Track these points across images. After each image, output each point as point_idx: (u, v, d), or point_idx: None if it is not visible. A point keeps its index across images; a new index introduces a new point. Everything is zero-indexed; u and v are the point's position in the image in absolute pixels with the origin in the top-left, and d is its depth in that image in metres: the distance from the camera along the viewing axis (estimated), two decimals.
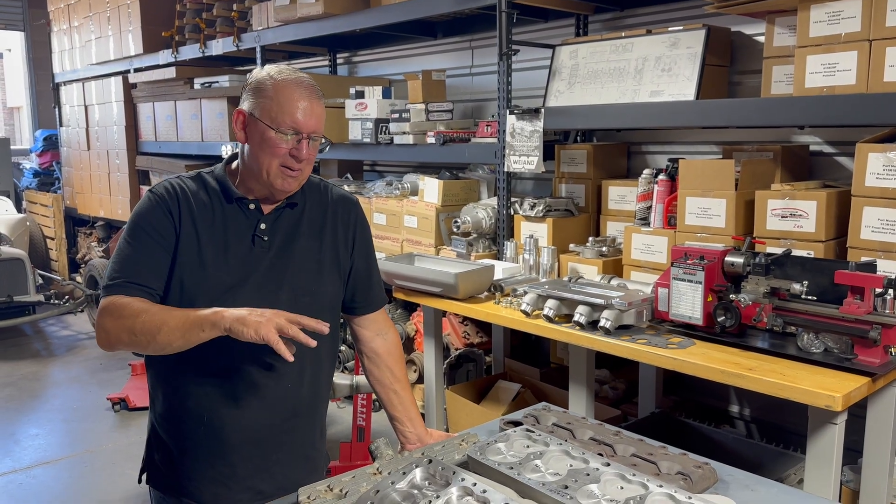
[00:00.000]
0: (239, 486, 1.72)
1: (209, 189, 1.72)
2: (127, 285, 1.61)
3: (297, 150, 1.64)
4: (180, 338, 1.52)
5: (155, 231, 1.65)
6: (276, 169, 1.65)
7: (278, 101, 1.62)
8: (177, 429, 1.73)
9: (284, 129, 1.62)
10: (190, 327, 1.50)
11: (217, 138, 5.63)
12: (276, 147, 1.63)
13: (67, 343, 6.31)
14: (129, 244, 1.66)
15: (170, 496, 1.76)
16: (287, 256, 1.73)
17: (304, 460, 1.82)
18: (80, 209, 7.70)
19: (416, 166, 5.07)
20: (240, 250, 1.69)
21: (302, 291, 1.74)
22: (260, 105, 1.64)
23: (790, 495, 1.47)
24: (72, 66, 7.72)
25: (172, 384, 1.71)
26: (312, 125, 1.65)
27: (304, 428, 1.81)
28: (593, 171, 3.60)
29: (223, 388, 1.68)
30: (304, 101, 1.63)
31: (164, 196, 1.68)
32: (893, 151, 2.38)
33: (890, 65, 2.42)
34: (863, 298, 2.13)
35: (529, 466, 1.35)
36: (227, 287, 1.66)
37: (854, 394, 2.02)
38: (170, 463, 1.75)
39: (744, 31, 3.31)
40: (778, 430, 3.26)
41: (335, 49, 5.70)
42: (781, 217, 2.66)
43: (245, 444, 1.71)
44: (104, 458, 4.03)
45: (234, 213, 1.71)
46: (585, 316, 2.60)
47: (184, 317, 1.52)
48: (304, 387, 1.77)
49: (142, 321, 1.54)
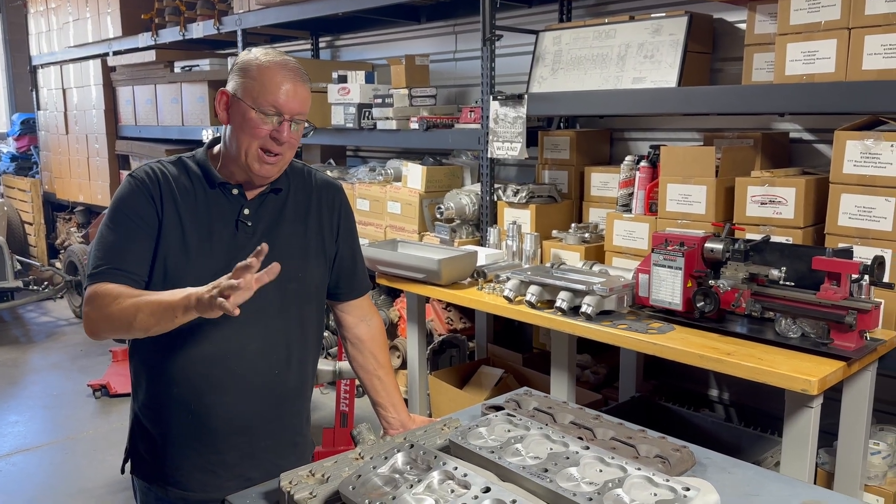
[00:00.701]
0: (227, 473, 1.71)
1: (191, 174, 1.69)
2: (110, 272, 1.58)
3: (278, 133, 1.61)
4: (156, 324, 1.49)
5: (137, 216, 1.62)
6: (254, 151, 1.62)
7: (261, 81, 1.60)
8: (162, 417, 1.71)
9: (265, 108, 1.60)
10: (163, 313, 1.47)
11: (198, 122, 5.58)
12: (256, 128, 1.60)
13: (47, 329, 6.26)
14: (111, 230, 1.63)
15: (155, 486, 1.74)
16: (272, 243, 1.70)
17: (292, 447, 1.82)
18: (58, 194, 7.61)
19: (400, 152, 5.05)
20: (223, 236, 1.67)
21: (288, 278, 1.70)
22: (243, 85, 1.62)
23: (766, 477, 1.50)
24: (49, 48, 7.60)
25: (157, 372, 1.69)
26: (295, 107, 1.62)
27: (291, 414, 1.80)
28: (576, 157, 3.61)
29: (210, 376, 1.67)
30: (287, 83, 1.61)
31: (146, 180, 1.65)
32: (871, 139, 2.41)
33: (868, 53, 2.45)
34: (839, 284, 2.16)
35: (510, 450, 1.37)
36: (212, 273, 1.62)
37: (830, 378, 2.06)
38: (154, 452, 1.73)
39: (726, 19, 3.32)
40: (756, 413, 3.31)
41: (317, 33, 5.65)
42: (761, 204, 2.69)
43: (233, 432, 1.70)
44: (85, 445, 4.01)
45: (217, 199, 1.68)
46: (567, 302, 2.62)
47: (157, 302, 1.49)
48: (291, 373, 1.76)
49: (118, 308, 1.52)
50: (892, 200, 2.37)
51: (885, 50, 2.41)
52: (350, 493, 1.23)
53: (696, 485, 1.24)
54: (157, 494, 1.75)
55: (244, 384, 1.69)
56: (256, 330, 1.69)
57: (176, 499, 1.73)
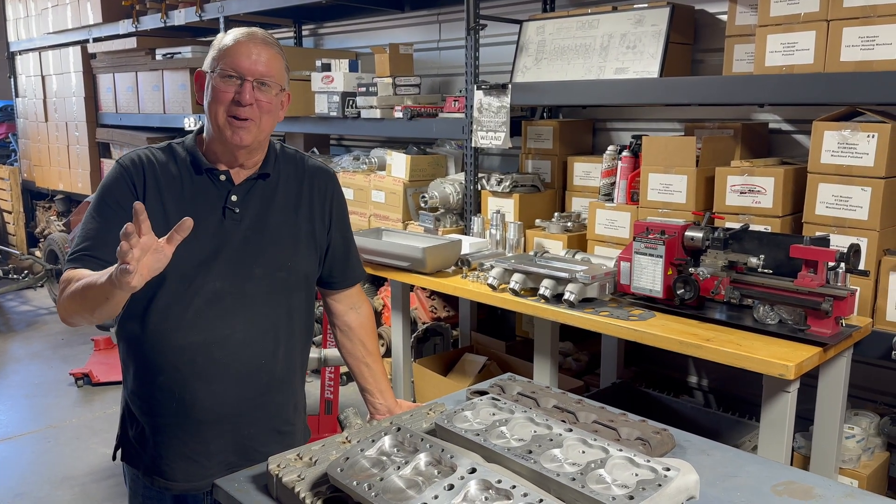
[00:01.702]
0: (211, 461, 1.70)
1: (178, 160, 1.68)
2: (83, 258, 1.57)
3: (240, 94, 1.60)
4: (96, 305, 1.44)
5: (118, 203, 1.61)
6: (223, 119, 1.62)
7: (225, 51, 1.62)
8: (149, 405, 1.71)
9: (228, 72, 1.60)
10: (97, 293, 1.43)
11: (179, 110, 5.54)
12: (220, 93, 1.61)
13: (27, 318, 6.20)
14: (93, 217, 1.62)
15: (144, 475, 1.74)
16: (261, 230, 1.70)
17: (278, 435, 1.80)
18: (38, 182, 7.51)
19: (384, 141, 5.06)
20: (210, 223, 1.65)
21: (276, 266, 1.71)
22: (211, 59, 1.65)
23: (744, 459, 1.54)
24: (28, 34, 7.49)
25: (143, 360, 1.68)
26: (259, 69, 1.62)
27: (277, 403, 1.79)
28: (559, 147, 3.64)
29: (195, 364, 1.66)
30: (249, 46, 1.62)
31: (129, 167, 1.65)
32: (848, 130, 2.45)
33: (846, 45, 2.49)
34: (816, 272, 2.21)
35: (495, 433, 1.39)
36: (198, 261, 1.63)
37: (806, 363, 2.11)
38: (142, 440, 1.73)
39: (707, 10, 3.35)
40: (734, 399, 3.37)
41: (301, 20, 5.62)
42: (740, 193, 2.73)
43: (217, 420, 1.69)
44: (68, 434, 4.00)
45: (204, 185, 1.67)
46: (550, 289, 2.65)
47: (90, 283, 1.44)
48: (277, 362, 1.75)
49: (71, 290, 1.50)
50: (867, 190, 2.42)
51: (862, 42, 2.45)
52: (338, 474, 1.25)
53: (676, 465, 1.27)
54: (144, 483, 1.75)
55: (229, 373, 1.68)
56: (242, 319, 1.68)
57: (161, 488, 1.73)
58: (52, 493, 3.40)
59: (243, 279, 1.66)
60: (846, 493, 1.38)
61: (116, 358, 5.39)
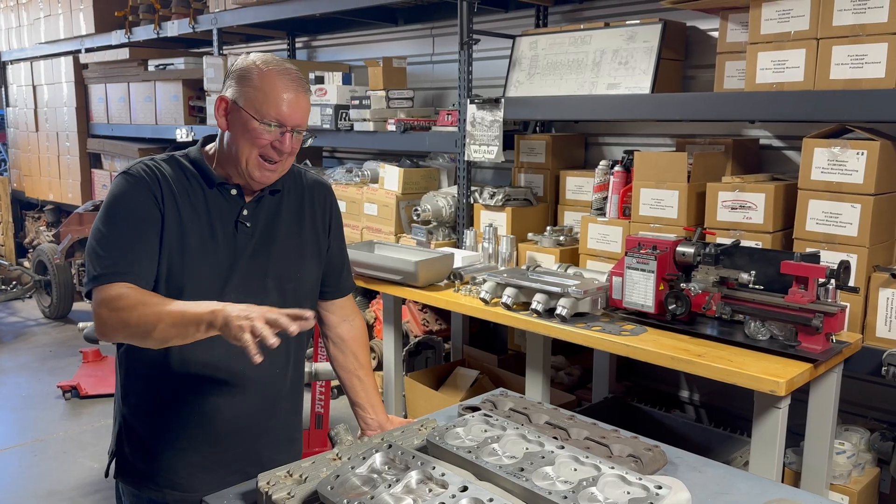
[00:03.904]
0: (226, 470, 1.71)
1: (187, 173, 1.67)
2: (122, 274, 1.54)
3: (280, 143, 1.60)
4: (176, 335, 1.45)
5: (139, 214, 1.59)
6: (255, 159, 1.61)
7: (264, 91, 1.58)
8: (160, 419, 1.69)
9: (268, 120, 1.58)
10: (186, 325, 1.43)
11: (172, 122, 5.52)
12: (258, 138, 1.59)
13: (15, 330, 6.15)
14: (112, 229, 1.58)
15: (147, 489, 1.71)
16: (269, 243, 1.72)
17: (290, 443, 1.84)
18: (27, 192, 7.48)
19: (377, 153, 5.06)
20: (224, 237, 1.66)
21: (286, 278, 1.74)
22: (244, 94, 1.60)
23: (735, 476, 1.54)
24: (19, 44, 7.47)
25: (159, 374, 1.66)
26: (297, 118, 1.62)
27: (288, 411, 1.82)
28: (552, 161, 3.65)
29: (216, 376, 1.66)
30: (289, 93, 1.60)
31: (145, 178, 1.62)
32: (838, 146, 2.47)
33: (836, 63, 2.51)
34: (807, 288, 2.22)
35: (487, 450, 1.39)
36: (215, 274, 1.63)
37: (797, 379, 2.11)
38: (148, 455, 1.71)
39: (699, 27, 3.38)
40: (725, 414, 3.37)
41: (294, 33, 5.63)
42: (731, 209, 2.74)
43: (234, 431, 1.71)
44: (55, 447, 3.95)
45: (216, 199, 1.67)
46: (542, 304, 2.65)
47: (180, 314, 1.44)
48: (288, 371, 1.78)
49: (137, 315, 1.48)
50: (857, 207, 2.44)
51: (851, 60, 2.47)
52: (328, 493, 1.24)
53: (667, 483, 1.27)
54: (149, 498, 1.72)
55: (247, 384, 1.70)
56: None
57: (175, 500, 1.71)
58: None
59: (257, 291, 1.67)
60: None
61: (105, 370, 5.35)
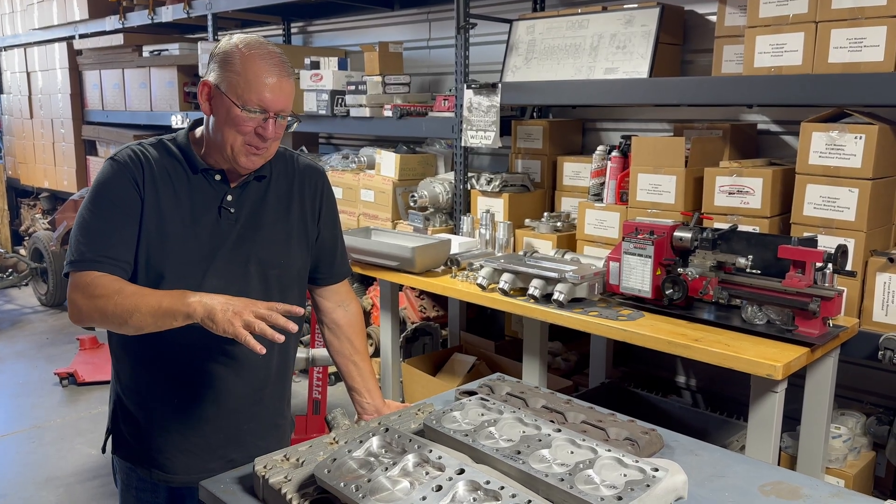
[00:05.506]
0: (210, 455, 1.72)
1: (173, 157, 1.66)
2: (99, 260, 1.55)
3: (263, 129, 1.58)
4: (152, 324, 1.48)
5: (120, 201, 1.59)
6: (240, 146, 1.60)
7: (245, 76, 1.56)
8: (147, 401, 1.71)
9: (251, 107, 1.56)
10: (163, 315, 1.46)
11: (167, 108, 5.50)
12: (241, 124, 1.57)
13: (12, 317, 6.14)
14: (94, 215, 1.59)
15: (139, 467, 1.74)
16: (254, 229, 1.70)
17: (274, 428, 1.84)
18: (23, 180, 7.44)
19: (373, 139, 5.04)
20: (206, 223, 1.65)
21: (270, 265, 1.73)
22: (227, 79, 1.57)
23: (732, 459, 1.54)
24: (12, 30, 7.41)
25: (144, 357, 1.68)
26: (280, 104, 1.59)
27: (273, 397, 1.83)
28: (549, 147, 3.64)
29: (198, 361, 1.67)
30: (272, 78, 1.57)
31: (128, 164, 1.62)
32: (836, 131, 2.46)
33: (834, 46, 2.50)
34: (804, 272, 2.22)
35: (484, 434, 1.39)
36: (195, 261, 1.63)
37: (794, 363, 2.11)
38: (138, 435, 1.73)
39: (696, 10, 3.36)
40: (722, 399, 3.38)
41: (289, 18, 5.59)
42: (729, 194, 2.74)
43: (218, 416, 1.72)
44: (53, 434, 3.96)
45: (200, 184, 1.66)
46: (539, 289, 2.65)
47: (157, 303, 1.46)
48: (274, 357, 1.78)
49: (114, 303, 1.49)
50: (854, 191, 2.43)
51: (850, 43, 2.46)
52: (325, 476, 1.24)
53: (664, 466, 1.27)
54: (139, 476, 1.75)
55: (232, 369, 1.70)
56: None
57: (159, 481, 1.73)
58: (36, 493, 3.36)
59: (239, 277, 1.67)
60: (833, 492, 1.38)
61: (102, 357, 5.35)
